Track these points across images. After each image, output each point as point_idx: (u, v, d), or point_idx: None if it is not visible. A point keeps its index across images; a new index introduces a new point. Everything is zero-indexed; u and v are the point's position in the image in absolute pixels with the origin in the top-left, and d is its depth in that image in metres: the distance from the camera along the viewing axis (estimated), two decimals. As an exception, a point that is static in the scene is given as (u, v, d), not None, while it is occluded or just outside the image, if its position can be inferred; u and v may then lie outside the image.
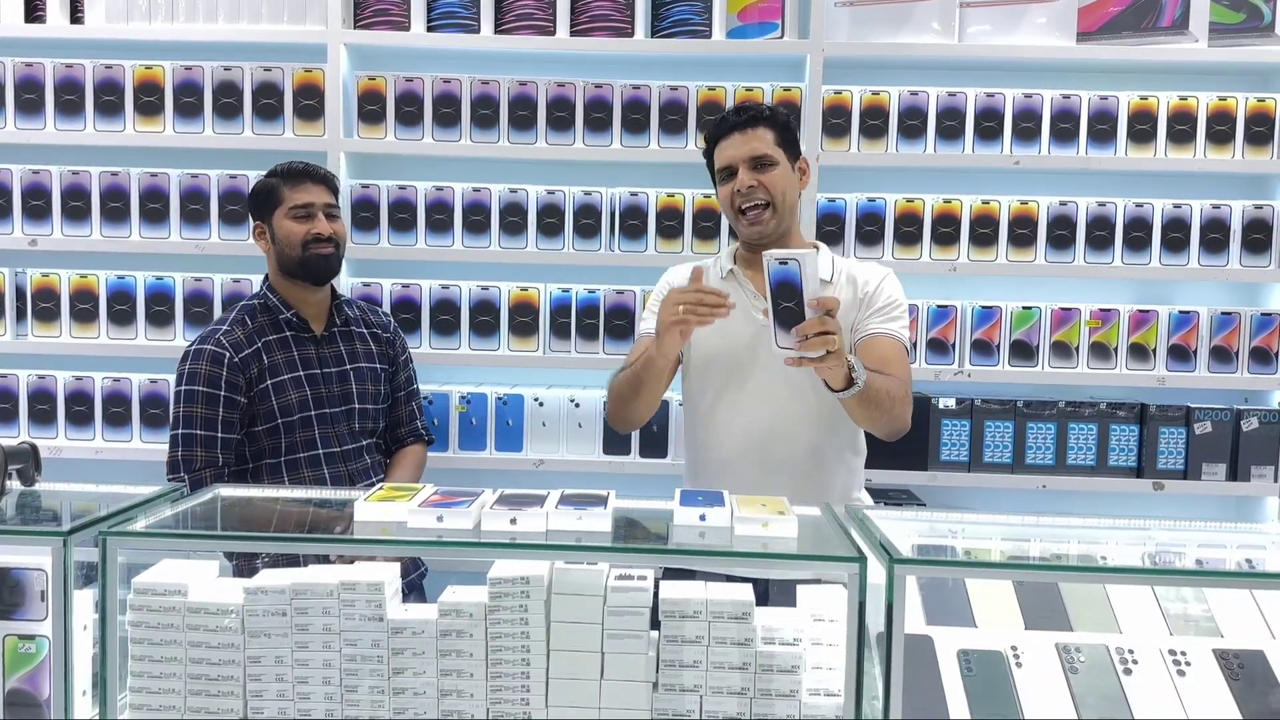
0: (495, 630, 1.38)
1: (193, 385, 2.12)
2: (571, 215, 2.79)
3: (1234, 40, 2.77)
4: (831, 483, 2.05)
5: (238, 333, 2.18)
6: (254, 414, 2.16)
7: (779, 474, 2.00)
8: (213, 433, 2.12)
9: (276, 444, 2.17)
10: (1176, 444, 2.75)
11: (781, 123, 2.03)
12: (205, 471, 2.11)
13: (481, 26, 2.79)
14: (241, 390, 2.14)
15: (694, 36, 2.78)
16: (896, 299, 2.06)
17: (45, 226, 2.82)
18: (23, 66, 2.80)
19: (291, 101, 2.79)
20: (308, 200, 2.20)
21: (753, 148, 1.99)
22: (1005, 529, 1.68)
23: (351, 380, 2.26)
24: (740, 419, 2.03)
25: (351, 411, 2.25)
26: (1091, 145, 2.77)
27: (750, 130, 2.00)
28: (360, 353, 2.30)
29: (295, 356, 2.21)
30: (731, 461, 2.04)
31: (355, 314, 2.35)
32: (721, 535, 1.41)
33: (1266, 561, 1.68)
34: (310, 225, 2.19)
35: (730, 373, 2.04)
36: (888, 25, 2.78)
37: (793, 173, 2.04)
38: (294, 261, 2.20)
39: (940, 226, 2.78)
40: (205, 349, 2.15)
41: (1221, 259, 2.78)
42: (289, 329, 2.22)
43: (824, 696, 1.36)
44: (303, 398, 2.18)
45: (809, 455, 2.03)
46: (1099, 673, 1.48)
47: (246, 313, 2.23)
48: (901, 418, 1.93)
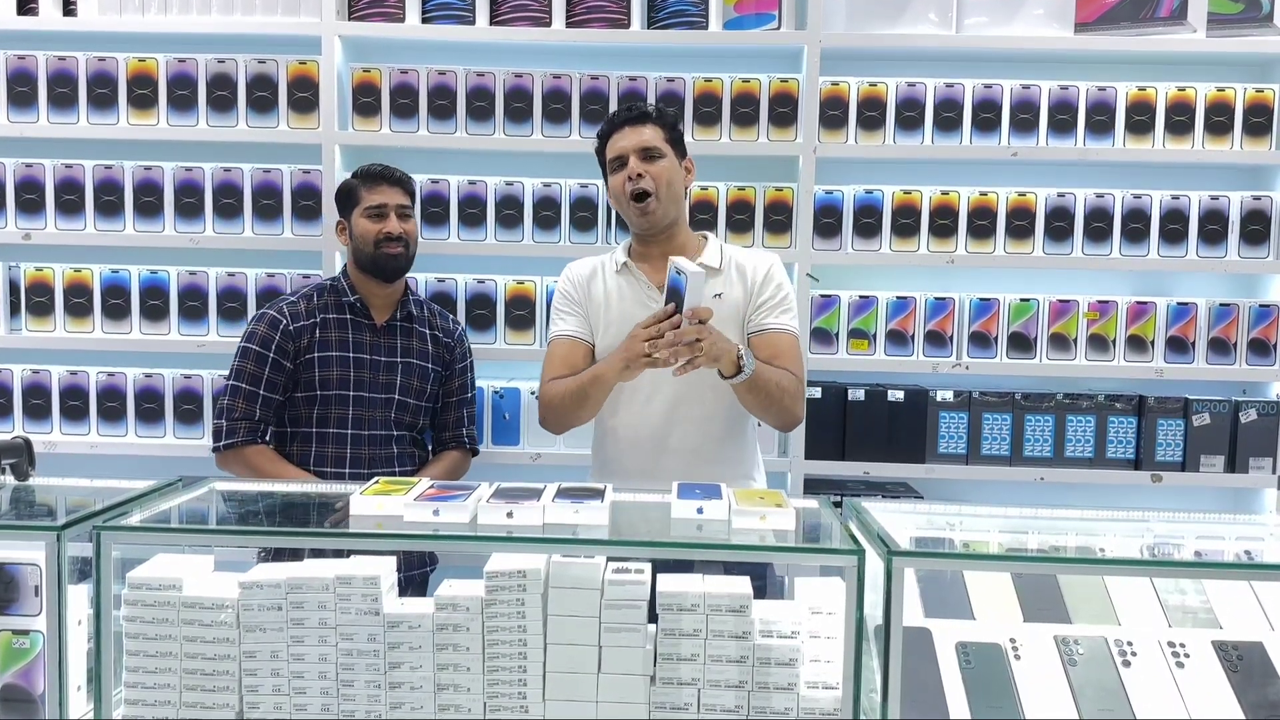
0: (492, 624, 1.37)
1: (249, 344, 2.29)
2: (568, 208, 2.78)
3: (1232, 30, 2.76)
4: (725, 464, 2.12)
5: (301, 305, 2.34)
6: (297, 380, 2.30)
7: (673, 457, 2.09)
8: (256, 389, 2.27)
9: (310, 414, 2.30)
10: (1175, 436, 2.75)
11: (669, 123, 2.16)
12: (241, 423, 2.26)
13: (477, 18, 2.77)
14: (289, 356, 2.29)
15: (690, 27, 2.77)
16: (784, 289, 2.14)
17: (39, 220, 2.81)
18: (15, 59, 2.78)
19: (286, 94, 2.77)
20: (382, 201, 2.34)
21: (643, 139, 2.10)
22: (1003, 521, 1.68)
23: (399, 372, 2.35)
24: (636, 405, 2.11)
25: (391, 401, 2.34)
26: (1089, 136, 2.76)
27: (640, 125, 2.11)
28: (415, 349, 2.39)
29: (349, 338, 2.33)
30: (629, 447, 2.13)
31: (422, 314, 2.44)
32: (719, 528, 1.41)
33: (1265, 553, 1.68)
34: (382, 225, 2.32)
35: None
36: (885, 16, 2.77)
37: (679, 167, 2.14)
38: (367, 258, 2.33)
39: (938, 218, 2.77)
40: (267, 314, 2.32)
41: (1220, 250, 2.77)
42: (351, 312, 2.35)
43: (822, 689, 1.36)
44: (344, 376, 2.30)
45: (701, 438, 2.10)
46: (1098, 665, 1.48)
47: (316, 290, 2.39)
48: (791, 410, 2.05)
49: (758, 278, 2.13)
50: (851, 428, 2.78)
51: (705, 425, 2.11)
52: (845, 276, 2.86)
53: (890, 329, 2.79)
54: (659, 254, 2.13)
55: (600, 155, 2.20)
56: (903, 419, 2.77)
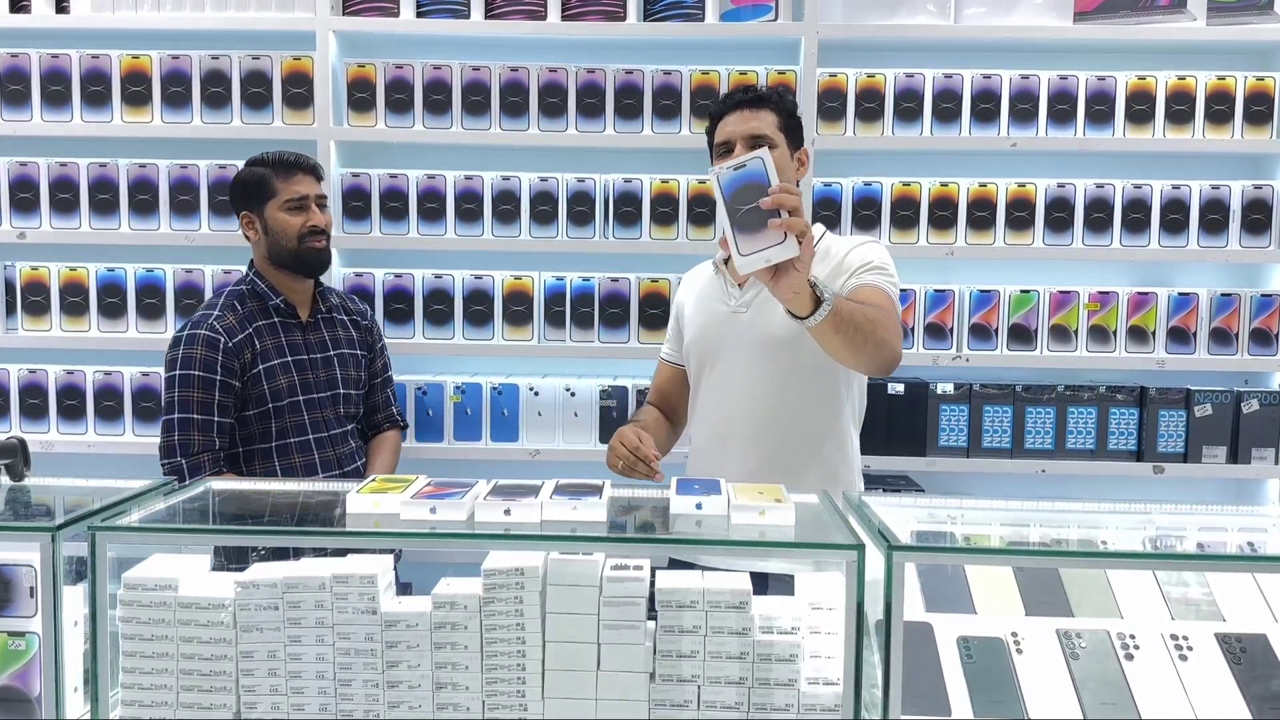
0: (490, 622, 1.36)
1: (188, 370, 2.13)
2: (565, 202, 2.77)
3: (1233, 18, 2.74)
4: (790, 471, 1.93)
5: (229, 318, 2.19)
6: (246, 398, 2.18)
7: (735, 458, 1.98)
8: (209, 416, 2.13)
9: (267, 428, 2.20)
10: (1176, 427, 2.74)
11: (788, 109, 2.01)
12: (203, 455, 2.13)
13: (472, 11, 2.75)
14: (236, 375, 2.16)
15: (687, 20, 2.75)
16: (873, 258, 1.96)
17: (34, 219, 2.79)
18: (8, 57, 2.77)
19: (280, 90, 2.76)
20: (303, 193, 2.22)
21: (752, 126, 1.95)
22: (1005, 514, 1.67)
23: (336, 366, 2.30)
24: (708, 402, 2.07)
25: (337, 396, 2.29)
26: (1089, 126, 2.75)
27: (754, 110, 1.97)
28: (343, 339, 2.34)
29: (284, 342, 2.24)
30: (700, 445, 2.10)
31: (336, 302, 2.39)
32: (718, 524, 1.40)
33: (1268, 544, 1.67)
34: (305, 217, 2.22)
35: (702, 361, 2.08)
36: (883, 6, 2.75)
37: (790, 160, 1.99)
38: (289, 254, 2.22)
39: (937, 210, 2.76)
40: (199, 334, 2.15)
41: (1221, 240, 2.76)
42: (277, 315, 2.25)
43: (823, 685, 1.35)
44: (291, 383, 2.22)
45: (761, 441, 1.99)
46: (1100, 658, 1.47)
47: (235, 299, 2.24)
48: (889, 344, 1.77)
49: (845, 251, 1.99)
50: (852, 421, 2.77)
51: (765, 432, 1.98)
52: (844, 269, 2.85)
53: (890, 322, 2.77)
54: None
55: (710, 138, 2.05)
56: (903, 412, 2.76)
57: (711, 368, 2.06)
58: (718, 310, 2.05)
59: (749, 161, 1.52)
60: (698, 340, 2.09)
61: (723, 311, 2.04)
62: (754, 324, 1.98)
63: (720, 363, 2.04)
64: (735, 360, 2.01)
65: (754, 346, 1.98)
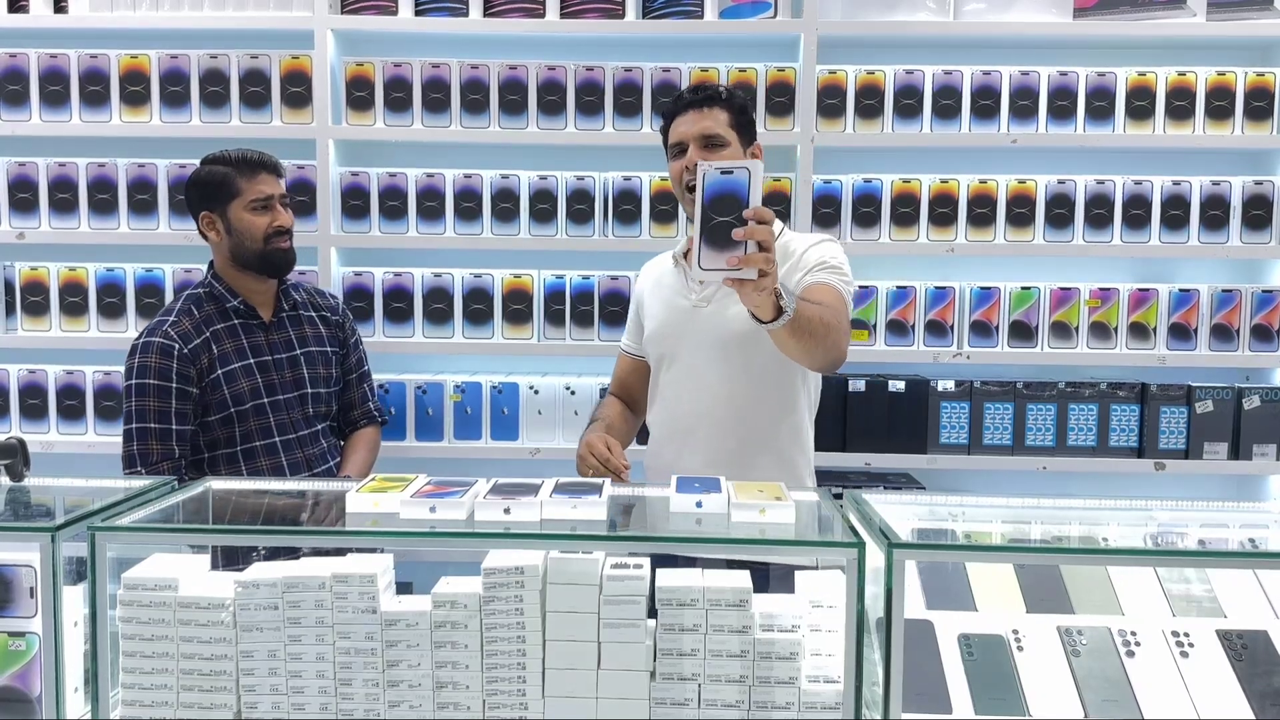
0: (490, 621, 1.36)
1: (144, 379, 2.10)
2: (564, 200, 2.76)
3: (1233, 14, 2.73)
4: (747, 465, 1.96)
5: (185, 323, 2.16)
6: (206, 404, 2.15)
7: (690, 452, 2.00)
8: (167, 425, 2.10)
9: (231, 434, 2.17)
10: (1178, 423, 2.74)
11: (738, 106, 2.02)
12: (163, 464, 2.10)
13: (470, 9, 2.75)
14: (193, 381, 2.13)
15: (686, 17, 2.75)
16: (827, 257, 1.98)
17: (33, 219, 2.79)
18: (6, 57, 2.76)
19: (279, 89, 2.76)
20: (268, 192, 2.19)
21: (705, 126, 1.97)
22: (1005, 511, 1.66)
23: (303, 365, 2.26)
24: (665, 396, 2.08)
25: (304, 396, 2.25)
26: (1089, 122, 2.74)
27: (705, 109, 1.99)
28: (310, 336, 2.30)
29: (245, 344, 2.19)
30: (655, 438, 2.10)
31: (302, 298, 2.34)
32: (718, 522, 1.40)
33: (1269, 541, 1.66)
34: (271, 217, 2.18)
35: (660, 354, 2.09)
36: (882, 3, 2.75)
37: (743, 156, 2.01)
38: (254, 255, 2.18)
39: (937, 207, 2.76)
40: (154, 341, 2.12)
41: (1221, 236, 2.75)
42: (237, 317, 2.21)
43: (823, 683, 1.35)
44: (254, 386, 2.18)
45: (717, 435, 2.01)
46: (1101, 655, 1.47)
47: (193, 302, 2.21)
48: (838, 345, 1.85)
49: (801, 250, 2.02)
50: (852, 419, 2.77)
51: (721, 427, 2.00)
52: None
53: (890, 319, 2.77)
54: None
55: (664, 136, 2.08)
56: (904, 409, 2.76)
57: (671, 361, 2.07)
58: (678, 304, 2.06)
59: (736, 169, 1.51)
60: (657, 333, 2.09)
61: (683, 306, 2.05)
62: (714, 319, 1.98)
63: (680, 356, 2.05)
64: (695, 354, 2.02)
65: (714, 341, 1.99)
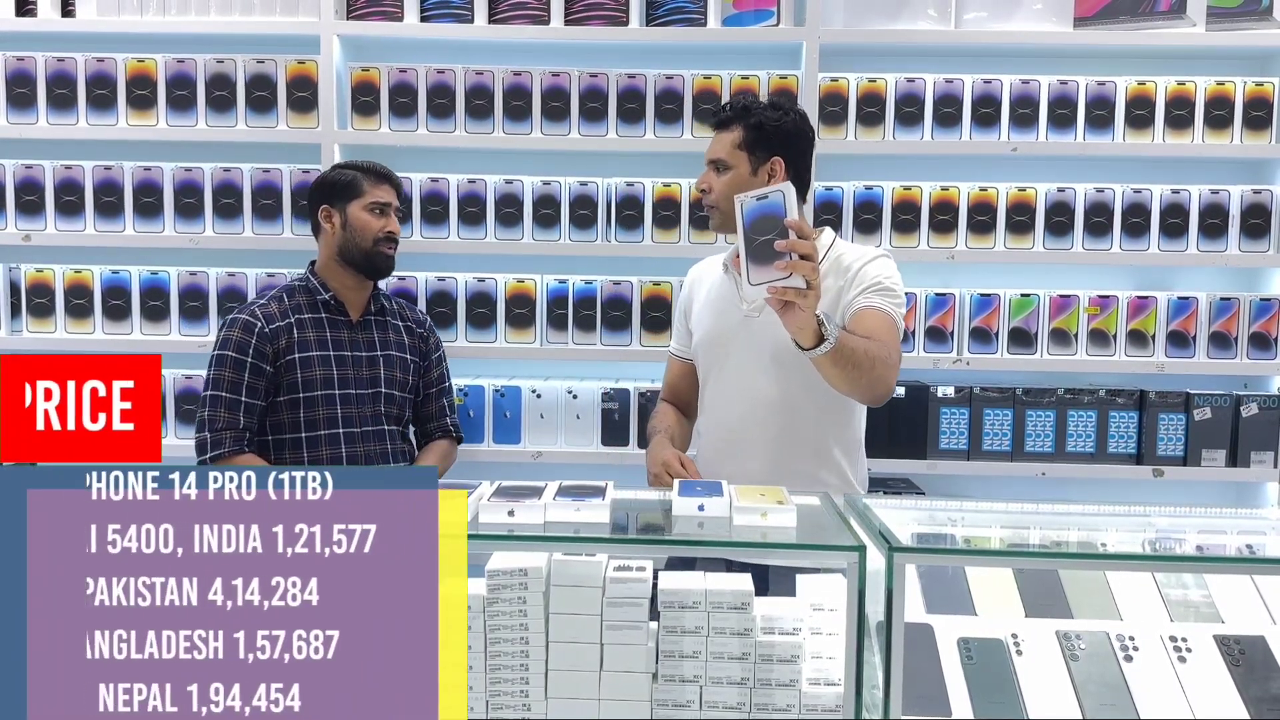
0: (494, 622, 1.37)
1: (224, 350, 2.23)
2: (568, 206, 2.78)
3: (1232, 24, 2.75)
4: (798, 474, 1.97)
5: (273, 306, 2.29)
6: (278, 384, 2.25)
7: (744, 459, 2.00)
8: (237, 396, 2.21)
9: (297, 418, 2.26)
10: (1176, 430, 2.75)
11: (753, 124, 2.01)
12: (226, 433, 2.21)
13: (475, 16, 2.77)
14: (269, 359, 2.23)
15: (689, 25, 2.76)
16: (881, 277, 1.98)
17: (39, 221, 2.81)
18: (14, 60, 2.78)
19: (285, 94, 2.77)
20: (386, 200, 2.33)
21: (714, 151, 2.04)
22: (1005, 517, 1.68)
23: (381, 365, 2.34)
24: (716, 403, 2.08)
25: (378, 395, 2.32)
26: (1089, 131, 2.76)
27: (723, 130, 2.04)
28: (392, 342, 2.38)
29: (327, 336, 2.30)
30: (706, 444, 2.11)
31: (392, 306, 2.44)
32: (720, 525, 1.41)
33: (1267, 547, 1.68)
34: (385, 222, 2.31)
35: (710, 361, 2.10)
36: (884, 11, 2.76)
37: (751, 176, 2.00)
38: (361, 253, 2.30)
39: (938, 214, 2.77)
40: (240, 318, 2.25)
41: (1220, 244, 2.77)
42: (325, 310, 2.32)
43: (824, 686, 1.36)
44: (327, 375, 2.27)
45: (771, 444, 2.01)
46: (1100, 660, 1.48)
47: (286, 291, 2.34)
48: (884, 379, 1.84)
49: (856, 267, 1.99)
50: (852, 424, 2.78)
51: (775, 436, 1.99)
52: (845, 273, 2.86)
53: (891, 325, 2.78)
54: None
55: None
56: (904, 415, 2.77)
57: (721, 368, 2.07)
58: (729, 312, 2.06)
59: (770, 194, 1.58)
60: (708, 339, 2.10)
61: (735, 314, 2.05)
62: (768, 329, 1.97)
63: (730, 364, 2.05)
64: (746, 363, 2.02)
65: (766, 351, 1.99)
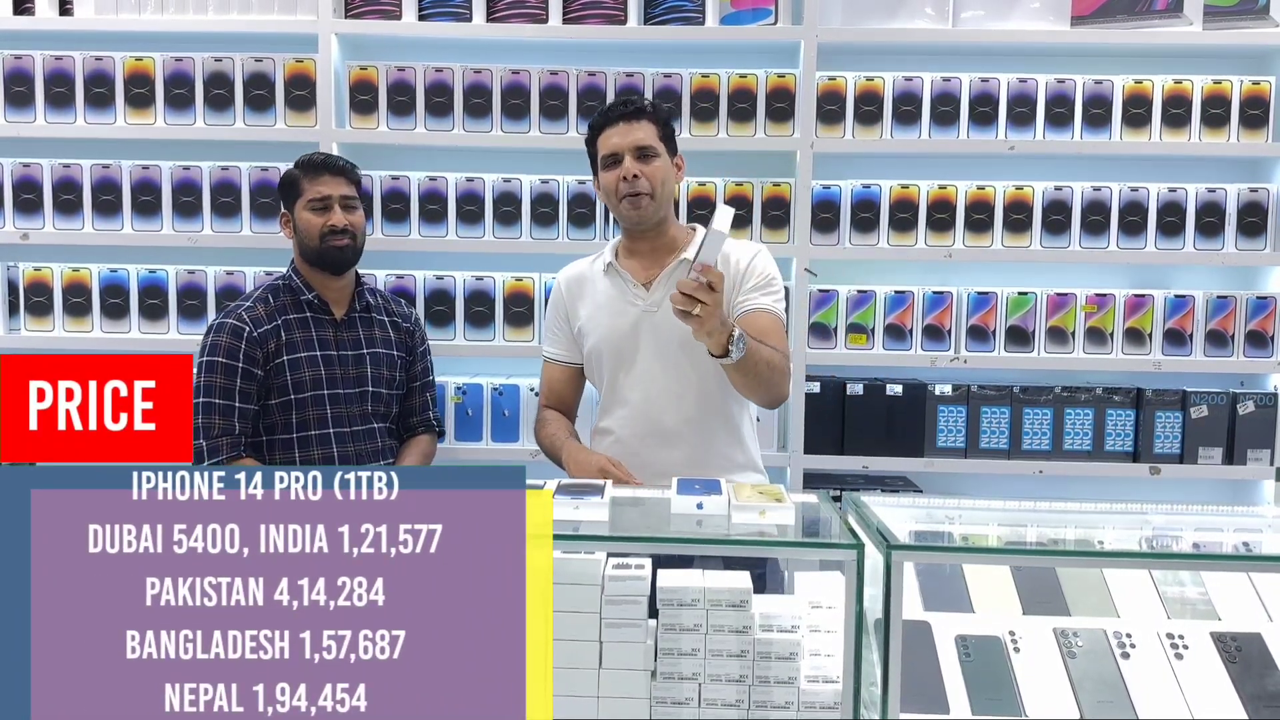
0: (493, 620, 1.37)
1: (213, 356, 2.21)
2: (566, 204, 2.78)
3: (1229, 23, 2.76)
4: (719, 456, 2.10)
5: (259, 309, 2.26)
6: (269, 387, 2.24)
7: (668, 449, 2.07)
8: (230, 402, 2.19)
9: (288, 420, 2.25)
10: (1173, 428, 2.76)
11: (663, 119, 2.12)
12: (222, 439, 2.19)
13: (473, 15, 2.77)
14: (259, 363, 2.22)
15: (687, 23, 2.76)
16: (769, 274, 2.11)
17: (37, 220, 2.81)
18: (12, 59, 2.78)
19: (283, 92, 2.77)
20: (325, 193, 2.27)
21: (637, 138, 2.07)
22: (1002, 514, 1.68)
23: (367, 364, 2.32)
24: (631, 399, 2.11)
25: (365, 394, 2.31)
26: (1086, 130, 2.76)
27: (635, 122, 2.08)
28: (379, 338, 2.36)
29: (314, 336, 2.28)
30: (626, 439, 2.12)
31: (377, 302, 2.42)
32: (719, 523, 1.41)
33: (1263, 544, 1.68)
34: (327, 218, 2.26)
35: (618, 360, 2.12)
36: (881, 10, 2.77)
37: (671, 165, 2.12)
38: (312, 252, 2.27)
39: (935, 213, 2.77)
40: (227, 323, 2.23)
41: (1217, 243, 2.77)
42: (310, 310, 2.30)
43: (822, 683, 1.37)
44: (316, 376, 2.25)
45: (693, 430, 2.08)
46: (1097, 657, 1.49)
47: (270, 291, 2.31)
48: (780, 387, 2.02)
49: (742, 265, 2.10)
50: (850, 422, 2.78)
51: (696, 422, 2.08)
52: (843, 271, 2.86)
53: (888, 323, 2.79)
54: (648, 249, 2.14)
55: (590, 148, 2.17)
56: (901, 413, 2.78)
57: (630, 363, 2.10)
58: (626, 310, 2.11)
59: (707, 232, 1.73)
60: (610, 339, 2.12)
61: (632, 311, 2.10)
62: (669, 319, 1.98)
63: (639, 357, 2.10)
64: (657, 356, 2.07)
65: (674, 340, 2.04)
